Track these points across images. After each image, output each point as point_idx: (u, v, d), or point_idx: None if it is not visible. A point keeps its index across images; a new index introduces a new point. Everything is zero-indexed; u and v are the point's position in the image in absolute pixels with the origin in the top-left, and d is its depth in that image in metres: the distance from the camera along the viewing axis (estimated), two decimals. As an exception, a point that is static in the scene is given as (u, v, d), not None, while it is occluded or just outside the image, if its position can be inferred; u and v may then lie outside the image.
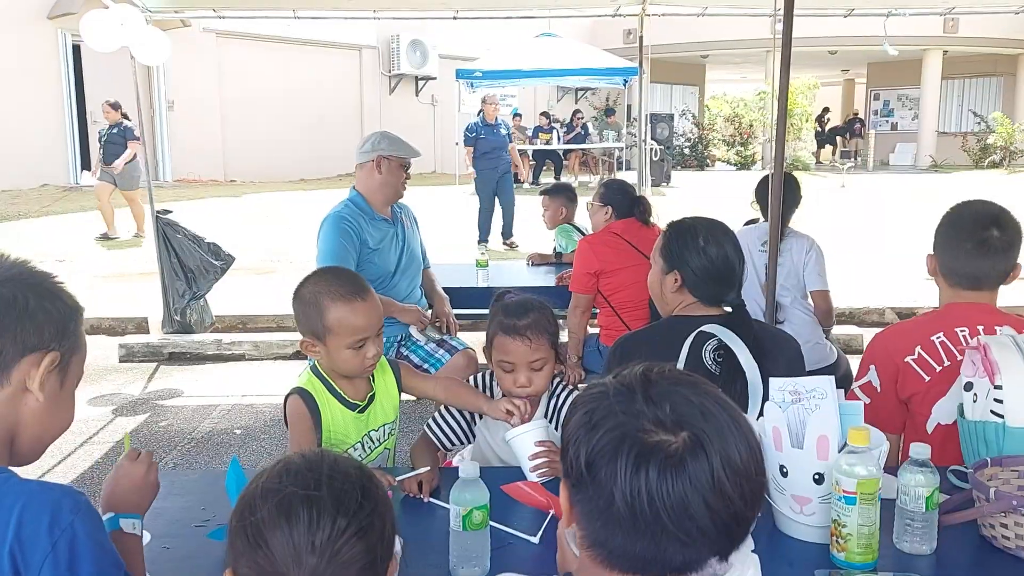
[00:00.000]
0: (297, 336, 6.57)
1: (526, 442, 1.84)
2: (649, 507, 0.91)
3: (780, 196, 3.16)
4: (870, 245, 9.66)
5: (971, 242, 2.06)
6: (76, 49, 14.22)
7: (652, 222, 3.97)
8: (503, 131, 10.34)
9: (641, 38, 5.99)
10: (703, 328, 1.60)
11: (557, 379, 2.12)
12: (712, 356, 1.97)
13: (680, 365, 1.70)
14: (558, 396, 2.11)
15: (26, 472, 1.20)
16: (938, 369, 2.03)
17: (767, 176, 3.92)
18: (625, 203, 3.95)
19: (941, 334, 2.04)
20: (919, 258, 2.33)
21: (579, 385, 3.49)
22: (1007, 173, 18.72)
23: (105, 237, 10.21)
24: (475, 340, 4.74)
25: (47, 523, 1.10)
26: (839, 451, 1.55)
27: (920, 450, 1.55)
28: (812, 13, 6.06)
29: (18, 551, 1.09)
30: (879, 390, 2.10)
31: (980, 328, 2.01)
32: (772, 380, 1.66)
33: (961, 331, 2.03)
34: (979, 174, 18.77)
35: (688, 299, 2.15)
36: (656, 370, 1.02)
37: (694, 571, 0.98)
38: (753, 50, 21.60)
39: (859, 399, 2.00)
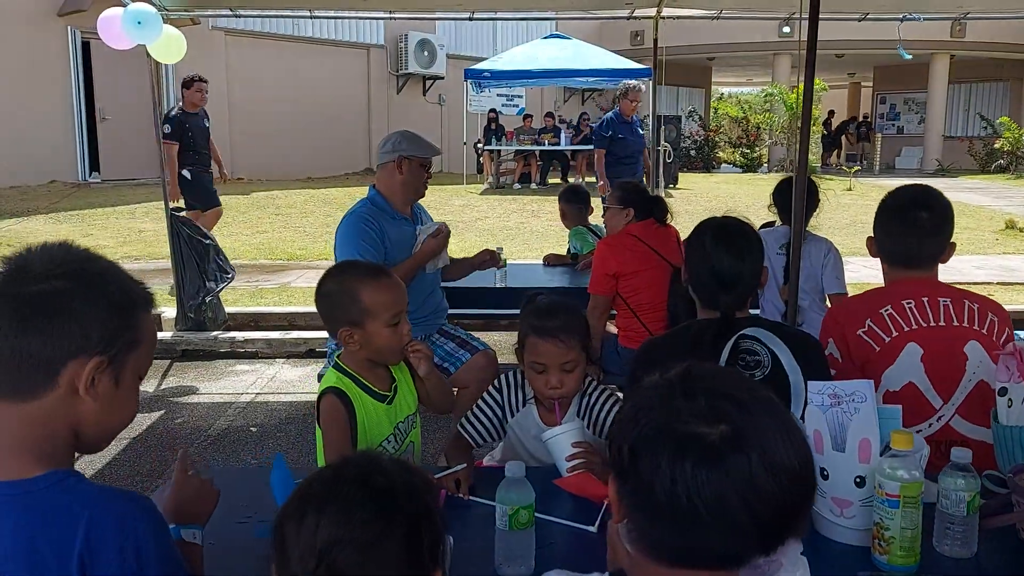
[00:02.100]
0: (310, 335, 6.51)
1: (563, 442, 1.85)
2: (687, 499, 0.92)
3: (804, 199, 3.17)
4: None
5: (901, 224, 2.25)
6: (86, 46, 14.24)
7: (669, 223, 3.98)
8: (641, 131, 8.24)
9: (656, 40, 6.00)
10: (744, 332, 1.61)
11: (588, 379, 2.14)
12: (737, 359, 1.97)
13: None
14: (590, 396, 2.12)
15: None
16: (887, 339, 2.17)
17: (785, 180, 3.93)
18: (644, 204, 3.96)
19: (889, 307, 2.19)
20: None
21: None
22: (1014, 178, 18.71)
23: None
24: (494, 340, 4.76)
25: (115, 529, 1.11)
26: (880, 454, 1.56)
27: (961, 455, 1.56)
28: (827, 17, 6.04)
29: (87, 558, 1.09)
30: (840, 360, 2.22)
31: (924, 300, 2.17)
32: (810, 383, 1.67)
33: (907, 303, 2.18)
34: (986, 179, 18.77)
35: (696, 298, 2.15)
36: (699, 367, 1.03)
37: (739, 565, 0.99)
38: (759, 53, 21.64)
39: None
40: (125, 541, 1.11)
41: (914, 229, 2.22)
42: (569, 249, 5.06)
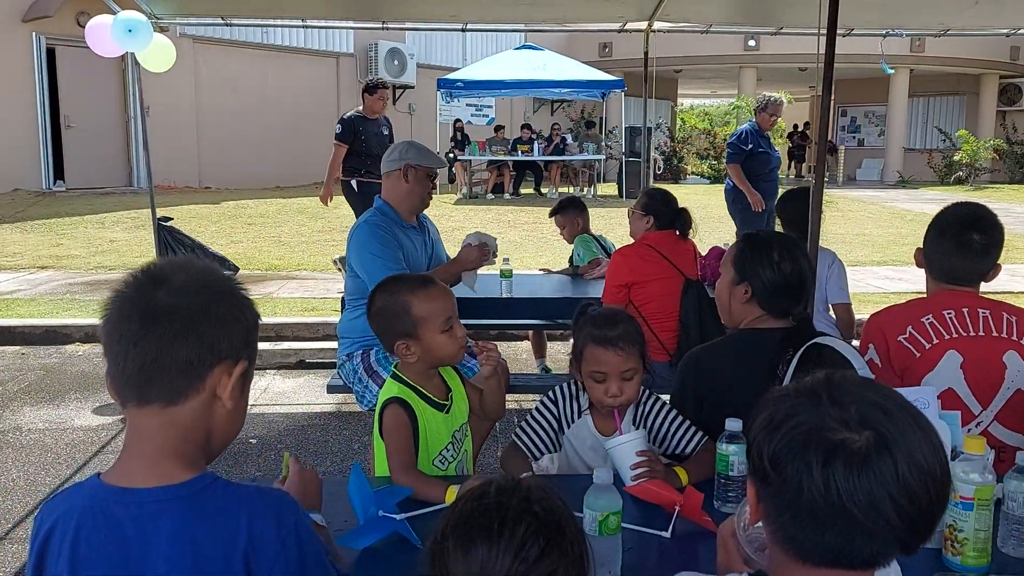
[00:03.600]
0: (300, 345, 6.40)
1: (628, 451, 1.88)
2: (839, 501, 0.97)
3: (820, 212, 3.24)
4: (861, 256, 9.85)
5: (953, 243, 2.29)
6: (51, 52, 13.99)
7: (689, 236, 4.02)
8: (775, 146, 7.49)
9: (646, 54, 6.08)
10: (817, 340, 1.66)
11: (643, 389, 2.16)
12: (785, 369, 2.02)
13: (786, 379, 1.75)
14: (644, 405, 2.15)
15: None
16: (927, 346, 2.24)
17: (791, 191, 4.02)
18: (667, 214, 4.00)
19: (931, 315, 2.26)
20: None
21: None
22: (972, 189, 19.22)
23: None
24: (503, 350, 4.73)
25: (274, 525, 1.15)
26: (951, 459, 1.62)
27: (1027, 458, 1.62)
28: (812, 32, 6.18)
29: (252, 554, 1.13)
30: (880, 366, 2.28)
31: (965, 311, 2.24)
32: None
33: (948, 313, 2.25)
34: (945, 191, 19.26)
35: (757, 311, 2.21)
36: (839, 375, 1.07)
37: (881, 564, 1.03)
38: (725, 65, 21.99)
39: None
40: (286, 534, 1.16)
41: (967, 251, 2.27)
42: (571, 258, 5.08)
